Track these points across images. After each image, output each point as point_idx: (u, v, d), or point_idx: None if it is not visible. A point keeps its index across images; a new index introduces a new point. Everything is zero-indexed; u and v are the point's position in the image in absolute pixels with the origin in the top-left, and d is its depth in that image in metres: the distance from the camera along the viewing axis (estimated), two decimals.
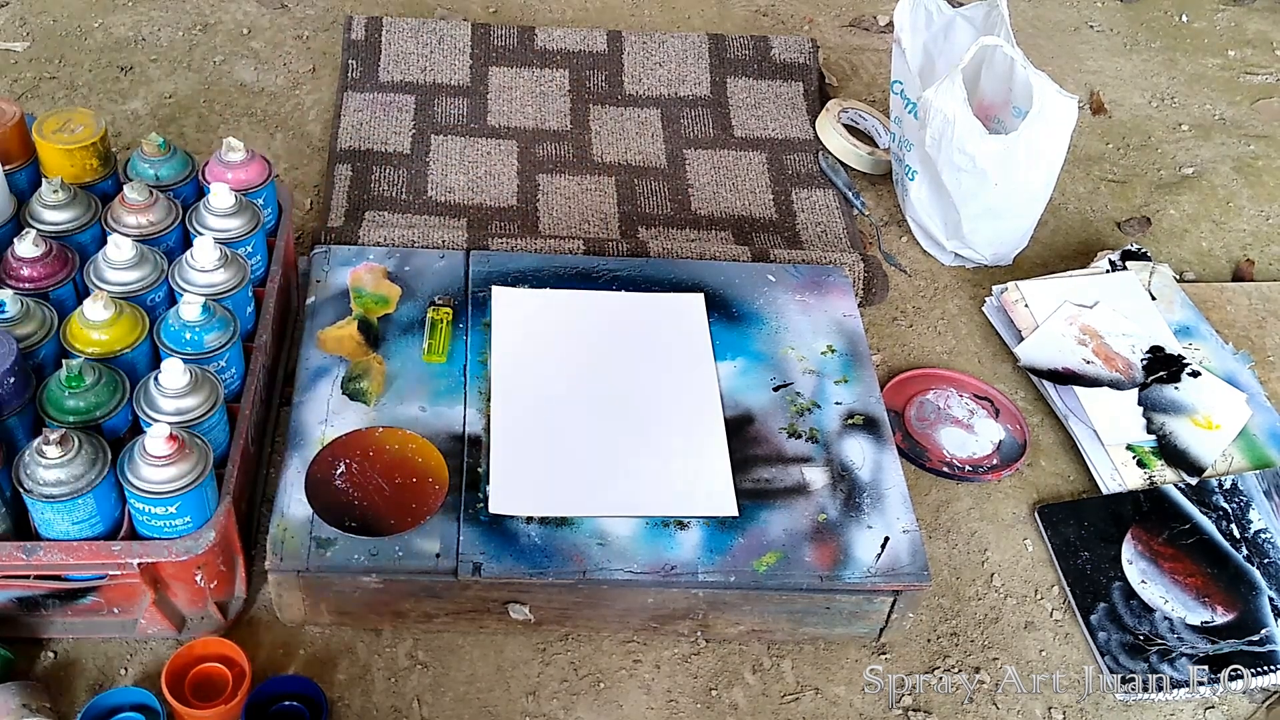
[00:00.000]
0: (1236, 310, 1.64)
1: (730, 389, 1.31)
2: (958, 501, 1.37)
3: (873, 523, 1.19)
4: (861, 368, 1.36)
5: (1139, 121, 2.01)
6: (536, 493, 1.18)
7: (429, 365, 1.28)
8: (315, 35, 1.94)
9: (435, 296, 1.35)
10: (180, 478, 1.01)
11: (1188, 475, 1.37)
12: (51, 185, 1.20)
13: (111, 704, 1.05)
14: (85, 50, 1.86)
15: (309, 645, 1.16)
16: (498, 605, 1.14)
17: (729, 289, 1.43)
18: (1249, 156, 1.95)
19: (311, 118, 1.78)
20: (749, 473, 1.23)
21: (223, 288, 1.17)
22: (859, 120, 1.85)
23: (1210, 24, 2.29)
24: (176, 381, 1.05)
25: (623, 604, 1.15)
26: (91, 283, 1.15)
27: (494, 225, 1.59)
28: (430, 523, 1.13)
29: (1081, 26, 2.24)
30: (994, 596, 1.28)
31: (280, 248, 1.31)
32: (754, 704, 1.16)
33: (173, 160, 1.29)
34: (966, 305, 1.59)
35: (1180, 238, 1.78)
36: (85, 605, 1.11)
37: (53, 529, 1.02)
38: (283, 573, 1.10)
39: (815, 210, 1.69)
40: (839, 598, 1.15)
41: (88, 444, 1.01)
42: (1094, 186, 1.85)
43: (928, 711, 1.17)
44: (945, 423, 1.44)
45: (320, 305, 1.33)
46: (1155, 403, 1.43)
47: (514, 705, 1.14)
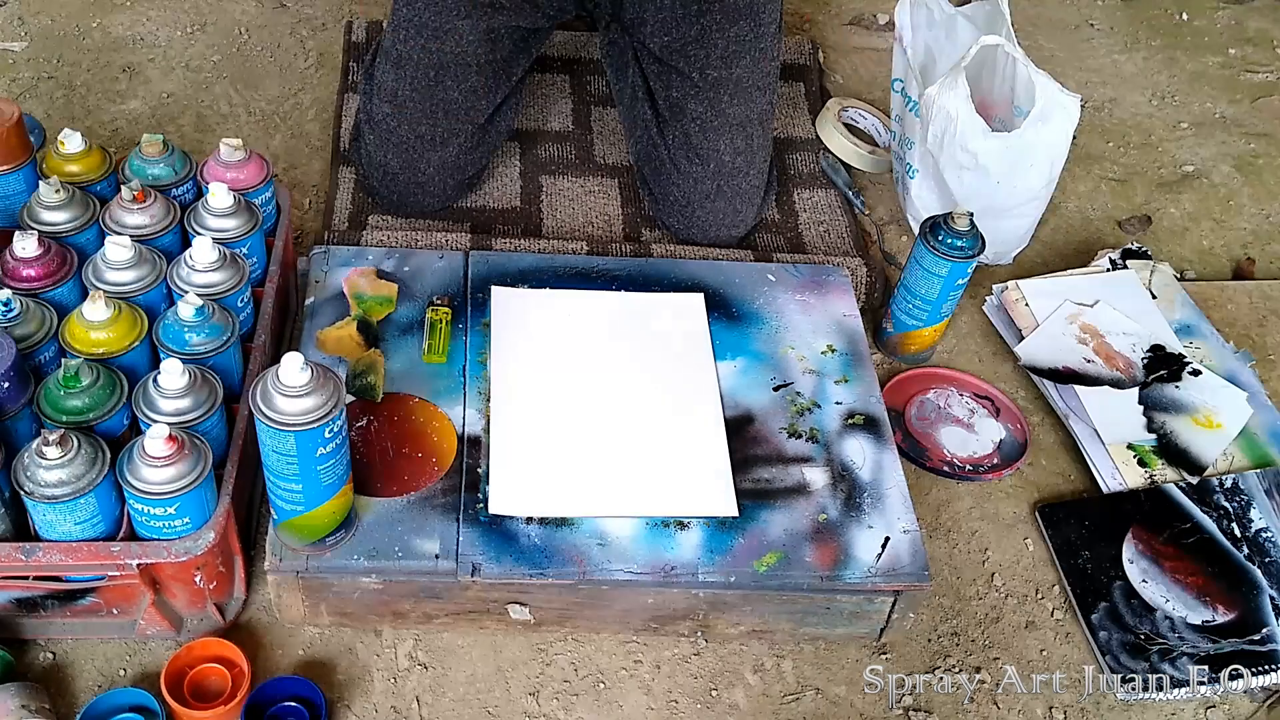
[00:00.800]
0: (1237, 309, 1.64)
1: (730, 389, 1.31)
2: (958, 501, 1.37)
3: (873, 523, 1.19)
4: (862, 367, 1.35)
5: (1139, 120, 2.01)
6: (536, 493, 1.18)
7: (428, 365, 1.28)
8: (314, 35, 1.94)
9: (434, 296, 1.35)
10: (179, 478, 1.00)
11: (1189, 474, 1.37)
12: (51, 185, 1.20)
13: (110, 705, 1.05)
14: (84, 50, 1.86)
15: (308, 646, 1.15)
16: (498, 606, 1.14)
17: (729, 289, 1.42)
18: (1249, 155, 1.95)
19: (310, 118, 1.78)
20: (749, 473, 1.22)
21: (221, 288, 1.17)
22: (859, 119, 1.85)
23: (1210, 22, 2.29)
24: (175, 382, 1.05)
25: (623, 604, 1.15)
26: (90, 283, 1.15)
27: (497, 227, 1.59)
28: (430, 523, 1.13)
29: (1082, 25, 2.24)
30: (994, 596, 1.28)
31: (279, 248, 1.31)
32: (755, 704, 1.16)
33: (171, 160, 1.29)
34: (966, 304, 1.59)
35: (1181, 236, 1.78)
36: (84, 606, 1.10)
37: (54, 530, 1.02)
38: (282, 573, 1.10)
39: (817, 210, 1.69)
40: (839, 598, 1.15)
41: (87, 444, 1.01)
42: (1094, 185, 1.85)
43: (928, 711, 1.17)
44: (945, 422, 1.44)
45: (319, 305, 1.33)
46: (1156, 402, 1.43)
47: (514, 705, 1.13)
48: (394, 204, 1.57)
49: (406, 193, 1.55)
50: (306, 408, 0.96)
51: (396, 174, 1.53)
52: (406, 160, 1.52)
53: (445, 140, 1.51)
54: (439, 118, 1.48)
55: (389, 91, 1.49)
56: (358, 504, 1.12)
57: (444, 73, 1.45)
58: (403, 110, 1.48)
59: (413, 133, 1.49)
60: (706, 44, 1.43)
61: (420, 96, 1.47)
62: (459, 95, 1.47)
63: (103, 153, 1.30)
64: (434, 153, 1.51)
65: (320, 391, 0.97)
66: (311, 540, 1.08)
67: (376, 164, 1.54)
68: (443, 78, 1.45)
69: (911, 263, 1.43)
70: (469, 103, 1.48)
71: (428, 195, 1.56)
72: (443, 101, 1.47)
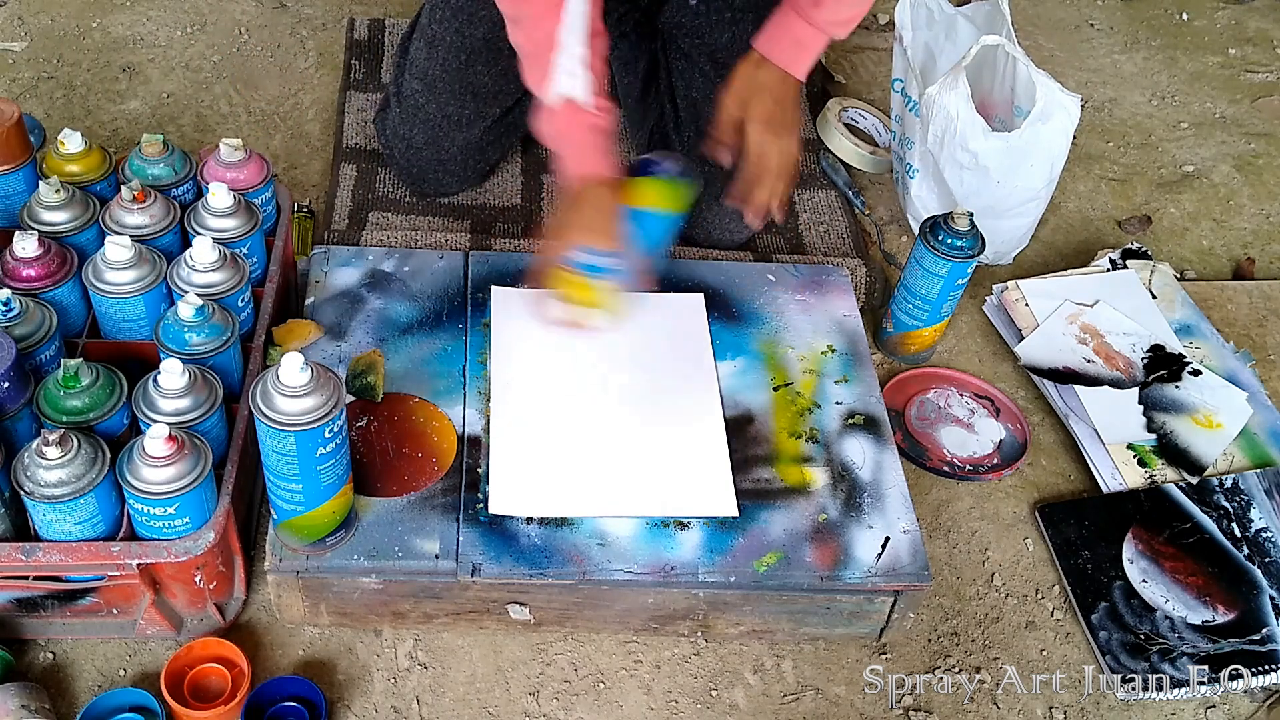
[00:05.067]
0: (1237, 309, 1.64)
1: (730, 389, 1.31)
2: (958, 501, 1.37)
3: (873, 523, 1.19)
4: (862, 367, 1.35)
5: (1139, 120, 2.01)
6: (536, 493, 1.18)
7: (427, 365, 1.28)
8: (314, 35, 1.94)
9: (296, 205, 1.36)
10: (179, 478, 1.00)
11: (1188, 474, 1.36)
12: (51, 185, 1.20)
13: (110, 705, 1.05)
14: (83, 50, 1.86)
15: (308, 646, 1.15)
16: (498, 606, 1.14)
17: (729, 288, 1.42)
18: (1249, 155, 1.95)
19: (310, 117, 1.78)
20: (749, 473, 1.22)
21: (221, 288, 1.17)
22: (859, 119, 1.85)
23: (1210, 22, 2.29)
24: (175, 382, 1.05)
25: (623, 604, 1.15)
26: (90, 283, 1.14)
27: (498, 225, 1.59)
28: (430, 523, 1.13)
29: (1082, 25, 2.24)
30: (994, 596, 1.28)
31: (279, 248, 1.31)
32: (755, 704, 1.16)
33: (171, 160, 1.29)
34: (967, 304, 1.59)
35: (1181, 236, 1.78)
36: (84, 606, 1.10)
37: (55, 530, 1.02)
38: (282, 573, 1.10)
39: (818, 210, 1.69)
40: (839, 598, 1.15)
41: (86, 444, 1.01)
42: (1094, 185, 1.85)
43: (928, 711, 1.17)
44: (946, 422, 1.44)
45: (319, 305, 1.33)
46: (1156, 401, 1.43)
47: (514, 705, 1.13)
48: (413, 179, 1.59)
49: (428, 169, 1.57)
50: (306, 408, 0.96)
51: (420, 149, 1.54)
52: (431, 138, 1.53)
53: (472, 122, 1.52)
54: (467, 99, 1.49)
55: (421, 69, 1.50)
56: (358, 504, 1.12)
57: (475, 56, 1.46)
58: (433, 89, 1.49)
59: (440, 112, 1.51)
60: (737, 49, 1.44)
61: (451, 77, 1.48)
62: (489, 79, 1.48)
63: (103, 153, 1.30)
64: (460, 133, 1.52)
65: (320, 391, 0.97)
66: (311, 540, 1.08)
67: (401, 138, 1.55)
68: (474, 61, 1.46)
69: (911, 263, 1.43)
70: (498, 86, 1.49)
71: (449, 175, 1.58)
72: (472, 84, 1.48)
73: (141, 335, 1.17)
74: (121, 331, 1.17)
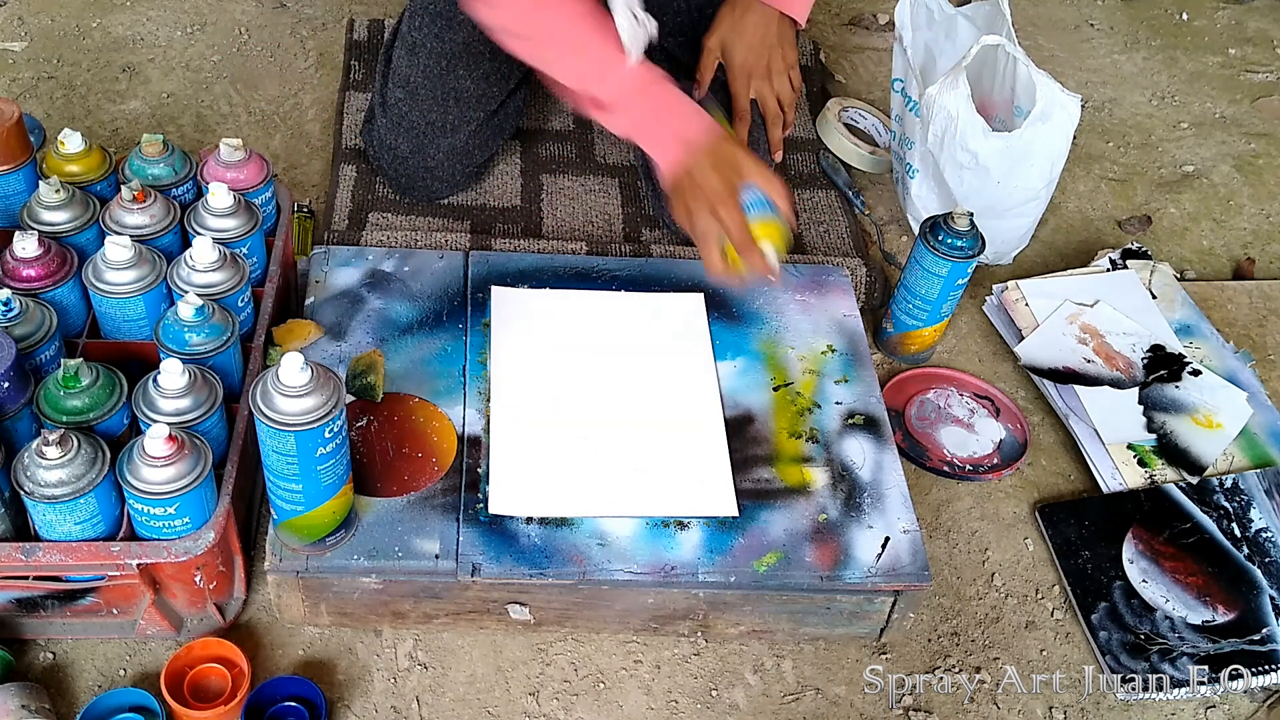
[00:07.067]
0: (1237, 309, 1.64)
1: (730, 389, 1.31)
2: (958, 501, 1.37)
3: (873, 523, 1.19)
4: (862, 367, 1.35)
5: (1139, 120, 2.01)
6: (536, 493, 1.18)
7: (427, 365, 1.28)
8: (314, 35, 1.94)
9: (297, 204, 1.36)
10: (179, 478, 1.00)
11: (1188, 474, 1.36)
12: (51, 185, 1.20)
13: (110, 705, 1.05)
14: (83, 50, 1.86)
15: (308, 646, 1.15)
16: (498, 606, 1.14)
17: (729, 289, 1.42)
18: (1249, 155, 1.95)
19: (310, 117, 1.78)
20: (749, 473, 1.22)
21: (221, 288, 1.17)
22: (859, 119, 1.85)
23: (1210, 22, 2.29)
24: (175, 382, 1.05)
25: (623, 604, 1.15)
26: (90, 283, 1.14)
27: (497, 226, 1.59)
28: (430, 523, 1.13)
29: (1082, 25, 2.24)
30: (994, 596, 1.28)
31: (279, 248, 1.31)
32: (755, 704, 1.16)
33: (171, 160, 1.29)
34: (966, 304, 1.59)
35: (1181, 236, 1.78)
36: (84, 606, 1.10)
37: (54, 530, 1.02)
38: (282, 573, 1.10)
39: (818, 210, 1.69)
40: (839, 598, 1.15)
41: (86, 444, 1.01)
42: (1094, 185, 1.85)
43: (928, 711, 1.17)
44: (946, 422, 1.44)
45: (319, 305, 1.33)
46: (1156, 401, 1.43)
47: (514, 705, 1.13)
48: (402, 188, 1.59)
49: (415, 177, 1.56)
50: (306, 408, 0.96)
51: (406, 158, 1.54)
52: (417, 145, 1.53)
53: (456, 127, 1.51)
54: (450, 105, 1.49)
55: (403, 77, 1.49)
56: (358, 504, 1.12)
57: (455, 61, 1.46)
58: (415, 96, 1.49)
59: (424, 119, 1.50)
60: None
61: (432, 83, 1.47)
62: (470, 83, 1.48)
63: (103, 153, 1.30)
64: (444, 139, 1.52)
65: (320, 391, 0.97)
66: (311, 540, 1.08)
67: (387, 147, 1.55)
68: (454, 66, 1.46)
69: (911, 263, 1.43)
70: (480, 90, 1.49)
71: (436, 181, 1.57)
72: (454, 89, 1.48)
73: (141, 335, 1.17)
74: (121, 331, 1.17)
